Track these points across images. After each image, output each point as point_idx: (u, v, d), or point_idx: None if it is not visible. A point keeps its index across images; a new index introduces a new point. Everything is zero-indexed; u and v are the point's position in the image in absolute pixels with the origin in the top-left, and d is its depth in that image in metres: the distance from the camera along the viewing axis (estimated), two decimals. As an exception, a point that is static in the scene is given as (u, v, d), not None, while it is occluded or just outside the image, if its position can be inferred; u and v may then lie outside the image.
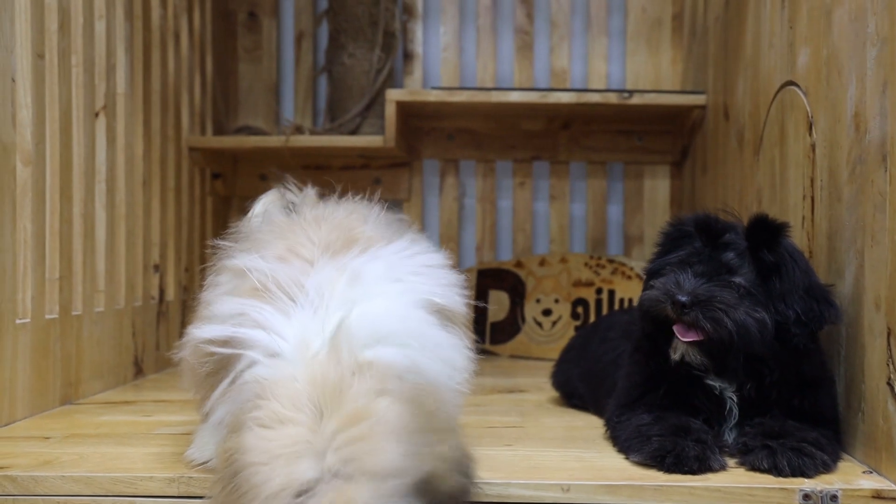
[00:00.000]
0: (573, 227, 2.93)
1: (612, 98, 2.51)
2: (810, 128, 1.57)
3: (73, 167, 1.86)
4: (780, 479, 1.24)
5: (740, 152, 2.07)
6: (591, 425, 1.62)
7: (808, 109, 1.58)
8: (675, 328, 1.33)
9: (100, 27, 1.98)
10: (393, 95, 2.53)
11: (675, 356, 1.36)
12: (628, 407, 1.44)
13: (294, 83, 2.97)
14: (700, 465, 1.27)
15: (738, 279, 1.33)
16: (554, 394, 1.90)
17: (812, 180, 1.56)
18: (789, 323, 1.32)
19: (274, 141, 2.61)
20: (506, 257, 2.92)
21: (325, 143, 2.60)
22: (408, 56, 2.92)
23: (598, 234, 2.90)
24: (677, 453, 1.28)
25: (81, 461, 1.34)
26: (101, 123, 2.00)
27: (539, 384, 2.11)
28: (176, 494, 1.25)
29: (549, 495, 1.23)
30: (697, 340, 1.32)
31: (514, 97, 2.54)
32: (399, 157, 2.89)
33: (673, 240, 1.44)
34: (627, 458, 1.35)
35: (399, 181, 2.92)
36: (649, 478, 1.25)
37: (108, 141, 2.02)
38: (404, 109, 2.63)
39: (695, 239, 1.39)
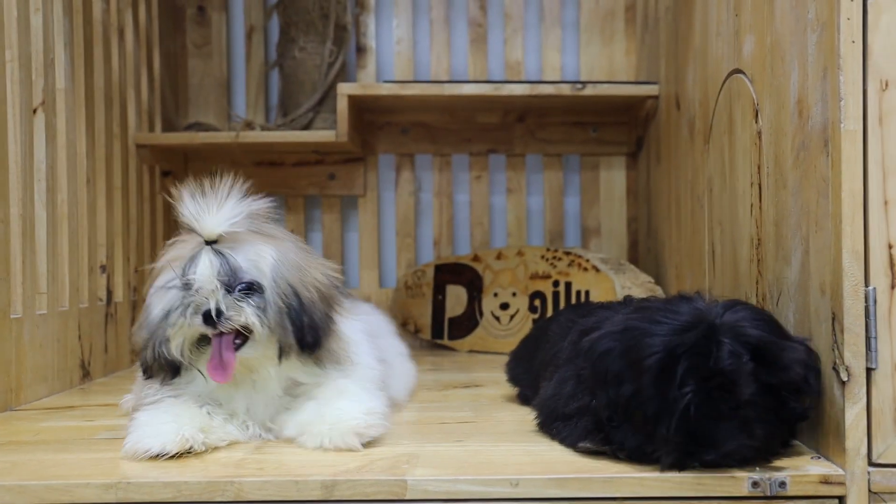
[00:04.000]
0: (530, 220, 2.91)
1: (566, 89, 2.49)
2: (756, 115, 1.57)
3: (9, 165, 1.80)
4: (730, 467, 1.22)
5: (692, 141, 2.07)
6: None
7: (755, 97, 1.58)
8: None
9: (36, 21, 1.92)
10: (345, 89, 2.50)
11: None
12: (564, 417, 1.42)
13: (245, 78, 2.92)
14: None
15: (748, 407, 1.22)
16: (510, 389, 1.88)
17: (759, 167, 1.55)
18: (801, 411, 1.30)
19: (224, 137, 2.56)
20: (464, 252, 2.90)
21: (278, 138, 2.56)
22: (360, 49, 2.89)
23: (555, 226, 2.89)
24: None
25: (15, 469, 1.30)
26: (39, 120, 1.95)
27: (496, 379, 2.08)
28: (114, 501, 1.21)
29: (498, 490, 1.21)
30: None
31: (468, 90, 2.51)
32: (353, 153, 2.85)
33: (667, 380, 1.21)
34: (576, 449, 1.33)
35: (354, 177, 2.89)
36: (598, 469, 1.23)
37: (47, 138, 1.97)
38: (357, 103, 2.60)
39: (691, 381, 1.20)
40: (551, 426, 1.44)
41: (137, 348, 1.44)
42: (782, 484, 1.20)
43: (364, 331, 1.55)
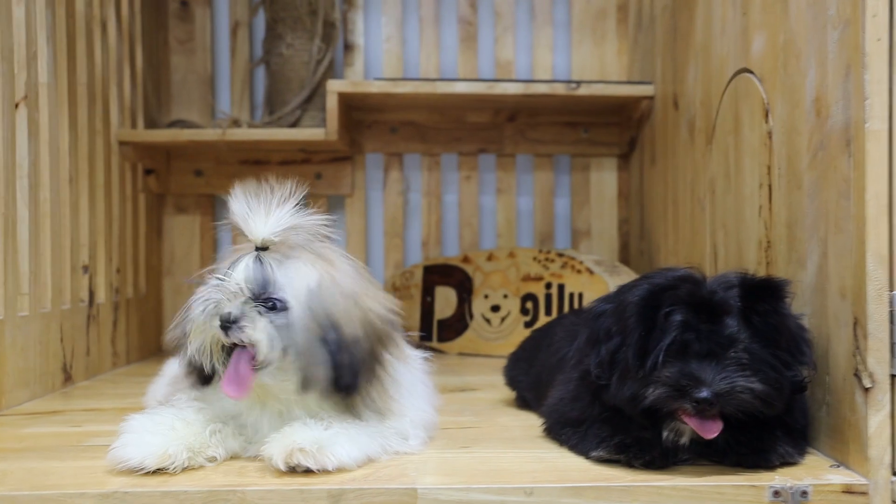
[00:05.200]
0: (520, 221, 2.88)
1: (560, 89, 2.46)
2: (767, 115, 1.54)
3: (-8, 161, 1.74)
4: (750, 475, 1.19)
5: (692, 142, 2.04)
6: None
7: (764, 96, 1.55)
8: (691, 422, 1.22)
9: (18, 13, 1.85)
10: (334, 87, 2.44)
11: (682, 440, 1.26)
12: (573, 423, 1.38)
13: (230, 75, 2.86)
14: (666, 455, 1.22)
15: (742, 350, 1.20)
16: (507, 392, 1.84)
17: (769, 168, 1.52)
18: (800, 375, 1.25)
19: (210, 134, 2.50)
20: (452, 253, 2.86)
21: (265, 136, 2.50)
22: (348, 47, 2.84)
23: (545, 227, 2.85)
24: (641, 445, 1.23)
25: (4, 478, 1.23)
26: (22, 115, 1.88)
27: (490, 382, 2.04)
28: (110, 511, 1.16)
29: (513, 500, 1.17)
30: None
31: (460, 88, 2.47)
32: (341, 152, 2.80)
33: (652, 317, 1.23)
34: (588, 457, 1.29)
35: (341, 176, 2.84)
36: (615, 478, 1.20)
37: (30, 134, 1.90)
38: (346, 101, 2.55)
39: (679, 311, 1.22)
40: (560, 432, 1.40)
41: (169, 347, 1.36)
42: (804, 493, 1.17)
43: (423, 378, 1.45)
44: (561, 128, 2.83)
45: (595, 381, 1.30)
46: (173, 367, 1.75)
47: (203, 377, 1.31)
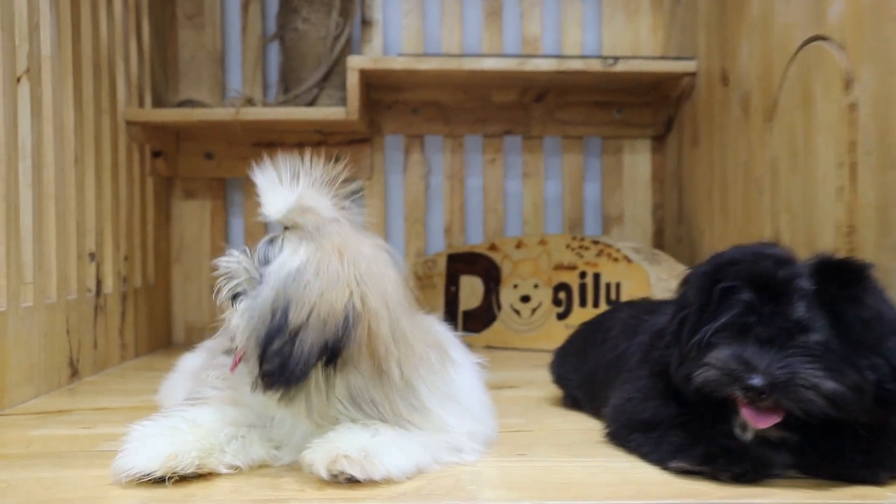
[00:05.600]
0: (548, 206, 2.73)
1: (596, 65, 2.31)
2: (848, 85, 1.39)
3: (-8, 139, 1.59)
4: (857, 491, 1.05)
5: (746, 120, 1.89)
6: (598, 426, 1.42)
7: (845, 65, 1.40)
8: (744, 411, 1.10)
9: (21, -23, 1.70)
10: (356, 63, 2.30)
11: (745, 435, 1.13)
12: (644, 427, 1.24)
13: (241, 52, 2.70)
14: (758, 467, 1.08)
15: (814, 338, 1.07)
16: (550, 389, 1.70)
17: (852, 144, 1.38)
18: (886, 380, 1.08)
19: (223, 114, 2.35)
20: (476, 240, 2.71)
21: (281, 115, 2.35)
22: (366, 22, 2.68)
23: (574, 213, 2.71)
24: (729, 455, 1.09)
25: (10, 490, 1.09)
26: (24, 90, 1.73)
27: (529, 378, 1.91)
28: (131, 531, 1.02)
29: (585, 518, 1.03)
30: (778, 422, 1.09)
31: (489, 64, 2.32)
32: (359, 133, 2.65)
33: (709, 291, 1.14)
34: (666, 468, 1.15)
35: (360, 159, 2.69)
36: (702, 493, 1.05)
37: (32, 110, 1.75)
38: (366, 79, 2.40)
39: (742, 289, 1.11)
40: (628, 438, 1.26)
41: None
42: (921, 513, 1.03)
43: (478, 385, 1.31)
44: (592, 108, 2.68)
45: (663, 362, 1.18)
46: (190, 362, 1.62)
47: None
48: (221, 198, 2.71)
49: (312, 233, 1.13)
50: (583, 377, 1.55)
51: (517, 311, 2.45)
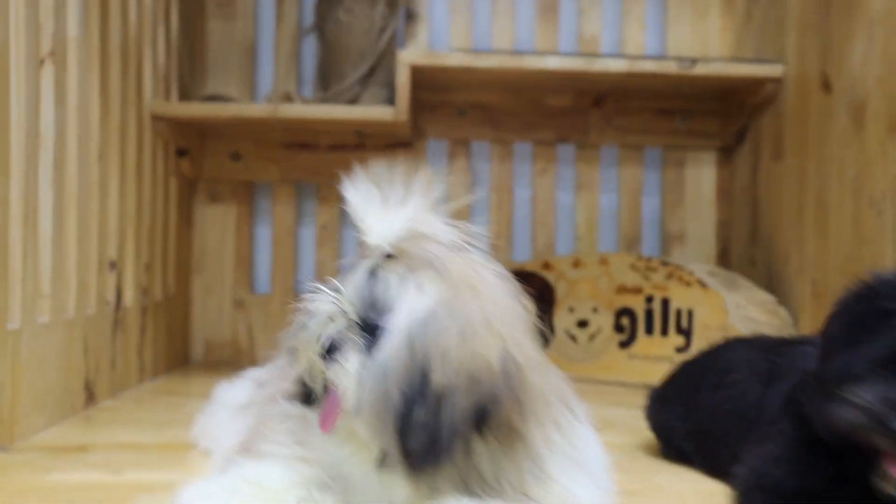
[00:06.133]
0: (603, 221, 2.51)
1: (671, 67, 2.10)
2: None
3: (10, 129, 1.36)
4: None
5: (857, 131, 1.68)
6: (721, 490, 1.21)
7: None
8: (887, 463, 0.91)
9: (48, -55, 1.48)
10: (407, 58, 2.08)
11: (888, 488, 0.94)
12: (791, 495, 1.02)
13: (274, 45, 2.48)
14: None
15: None
16: (638, 434, 1.48)
17: None
18: None
19: (259, 110, 2.13)
20: (523, 255, 2.50)
21: (324, 114, 2.13)
22: (410, 16, 2.47)
23: (631, 230, 2.49)
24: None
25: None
26: (48, 74, 1.51)
27: (606, 418, 1.69)
28: None
29: None
30: None
31: (553, 63, 2.10)
32: (400, 137, 2.43)
33: (864, 319, 0.96)
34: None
35: (400, 165, 2.46)
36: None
37: (56, 97, 1.53)
38: (415, 77, 2.18)
39: None
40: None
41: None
42: None
43: (595, 448, 1.03)
44: (654, 115, 2.46)
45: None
46: (233, 394, 1.39)
47: (308, 397, 0.96)
48: (248, 203, 2.48)
49: (434, 264, 0.90)
50: (693, 427, 1.33)
51: (573, 337, 2.23)
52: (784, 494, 1.03)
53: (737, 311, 2.00)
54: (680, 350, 2.06)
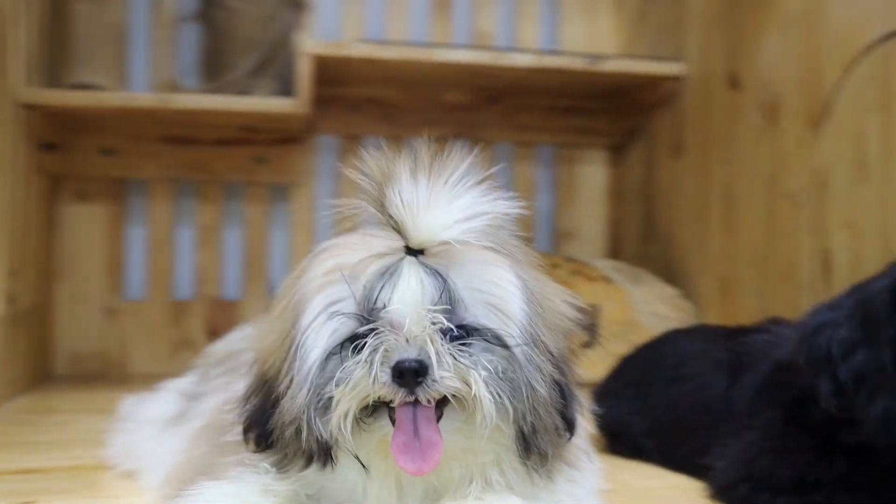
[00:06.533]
0: (497, 219, 2.47)
1: (578, 63, 2.08)
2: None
3: None
4: None
5: (772, 127, 1.71)
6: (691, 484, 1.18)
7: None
8: None
9: None
10: (309, 48, 1.96)
11: None
12: (789, 487, 1.01)
13: (149, 31, 2.29)
14: None
15: None
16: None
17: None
18: None
19: (146, 100, 1.95)
20: (418, 255, 2.42)
21: (221, 106, 1.97)
22: (300, 5, 2.33)
23: (524, 227, 2.46)
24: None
25: None
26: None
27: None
28: None
29: None
30: None
31: (461, 56, 2.04)
32: (291, 131, 2.30)
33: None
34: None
35: (289, 161, 2.34)
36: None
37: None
38: (317, 69, 2.05)
39: None
40: (755, 498, 1.02)
41: (284, 420, 0.82)
42: None
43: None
44: (547, 113, 2.45)
45: (828, 417, 0.96)
46: (154, 409, 1.25)
47: (323, 456, 0.81)
48: (120, 202, 2.28)
49: (482, 246, 0.83)
50: (652, 422, 1.30)
51: (478, 337, 2.18)
52: (773, 484, 1.01)
53: (643, 306, 2.01)
54: (586, 346, 2.04)
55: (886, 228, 1.38)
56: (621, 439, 1.36)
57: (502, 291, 0.81)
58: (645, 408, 1.32)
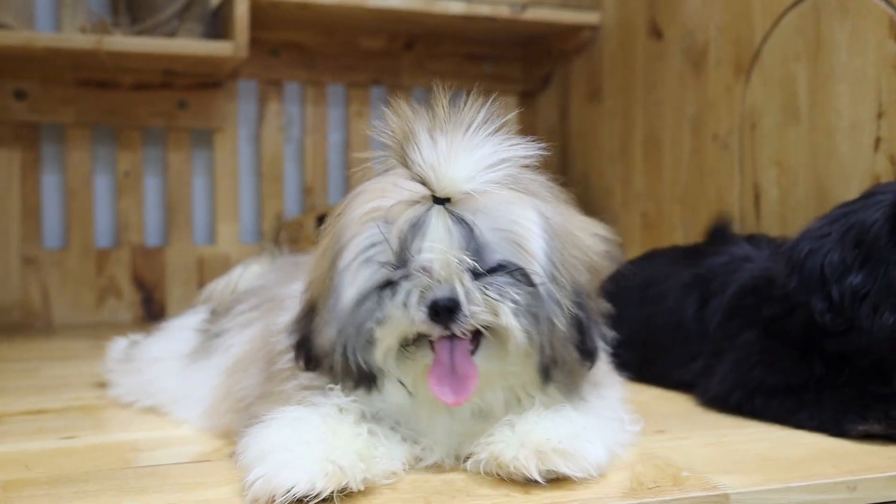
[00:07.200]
0: (416, 164, 2.54)
1: (504, 11, 2.16)
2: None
3: None
4: None
5: (697, 74, 1.86)
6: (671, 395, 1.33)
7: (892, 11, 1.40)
8: None
9: None
10: (246, -10, 1.95)
11: None
12: (781, 391, 1.16)
13: (59, -31, 2.20)
14: None
15: None
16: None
17: (900, 95, 1.38)
18: None
19: (79, 41, 1.89)
20: (340, 199, 2.46)
21: (156, 48, 1.94)
22: (217, -54, 2.30)
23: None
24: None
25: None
26: None
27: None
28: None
29: (835, 498, 0.92)
30: None
31: (396, 3, 2.08)
32: (212, 76, 2.28)
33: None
34: (846, 434, 1.07)
35: (210, 106, 2.31)
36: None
37: None
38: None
39: None
40: (767, 404, 1.16)
41: (321, 351, 0.91)
42: None
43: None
44: (462, 60, 2.53)
45: (807, 331, 1.12)
46: (168, 346, 1.26)
47: (370, 381, 0.91)
48: (34, 148, 2.20)
49: (517, 188, 0.90)
50: (629, 341, 1.42)
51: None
52: (775, 391, 1.15)
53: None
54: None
55: (814, 166, 1.55)
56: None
57: (524, 230, 0.88)
58: (619, 327, 1.44)
